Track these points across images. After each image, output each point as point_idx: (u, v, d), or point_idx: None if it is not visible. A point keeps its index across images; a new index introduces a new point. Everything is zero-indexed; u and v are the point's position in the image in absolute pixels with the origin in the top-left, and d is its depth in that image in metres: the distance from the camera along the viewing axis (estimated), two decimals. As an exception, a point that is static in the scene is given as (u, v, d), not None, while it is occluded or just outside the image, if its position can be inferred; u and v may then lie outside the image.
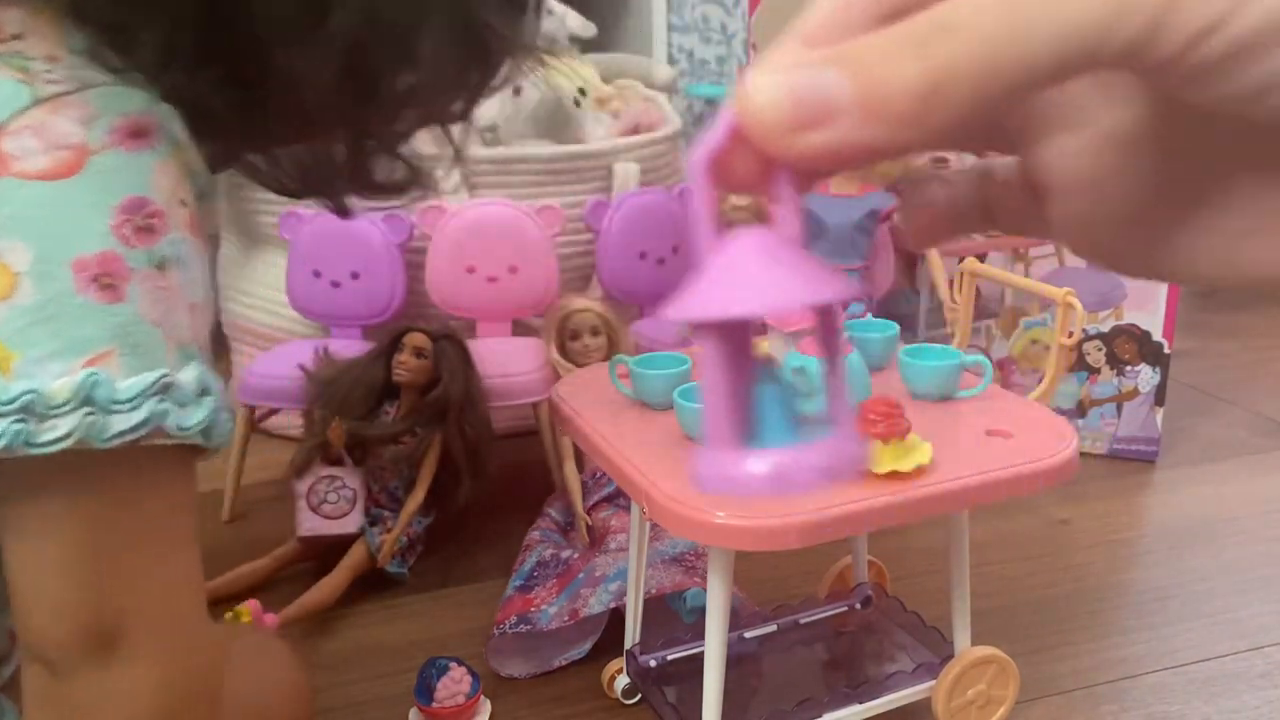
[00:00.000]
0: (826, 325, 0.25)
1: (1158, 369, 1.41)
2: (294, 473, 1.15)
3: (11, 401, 0.49)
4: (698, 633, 0.89)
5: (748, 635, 0.95)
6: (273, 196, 1.45)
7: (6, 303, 0.50)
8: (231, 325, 1.63)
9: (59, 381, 0.50)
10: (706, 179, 0.23)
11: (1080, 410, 1.45)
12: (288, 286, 1.41)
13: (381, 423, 1.17)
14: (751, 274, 0.22)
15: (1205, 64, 0.20)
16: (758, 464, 0.22)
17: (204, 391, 0.56)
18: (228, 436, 0.58)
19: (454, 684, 0.90)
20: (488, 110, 1.54)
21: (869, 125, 0.21)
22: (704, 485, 0.23)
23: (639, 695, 0.93)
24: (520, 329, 1.43)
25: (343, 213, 0.75)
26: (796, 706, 0.81)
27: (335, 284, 1.38)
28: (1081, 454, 1.45)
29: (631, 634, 0.92)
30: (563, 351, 1.17)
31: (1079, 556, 1.21)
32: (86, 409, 0.50)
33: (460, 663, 0.91)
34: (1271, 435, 1.53)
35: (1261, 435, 1.53)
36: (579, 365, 1.15)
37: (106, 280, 0.51)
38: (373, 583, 1.14)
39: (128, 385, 0.52)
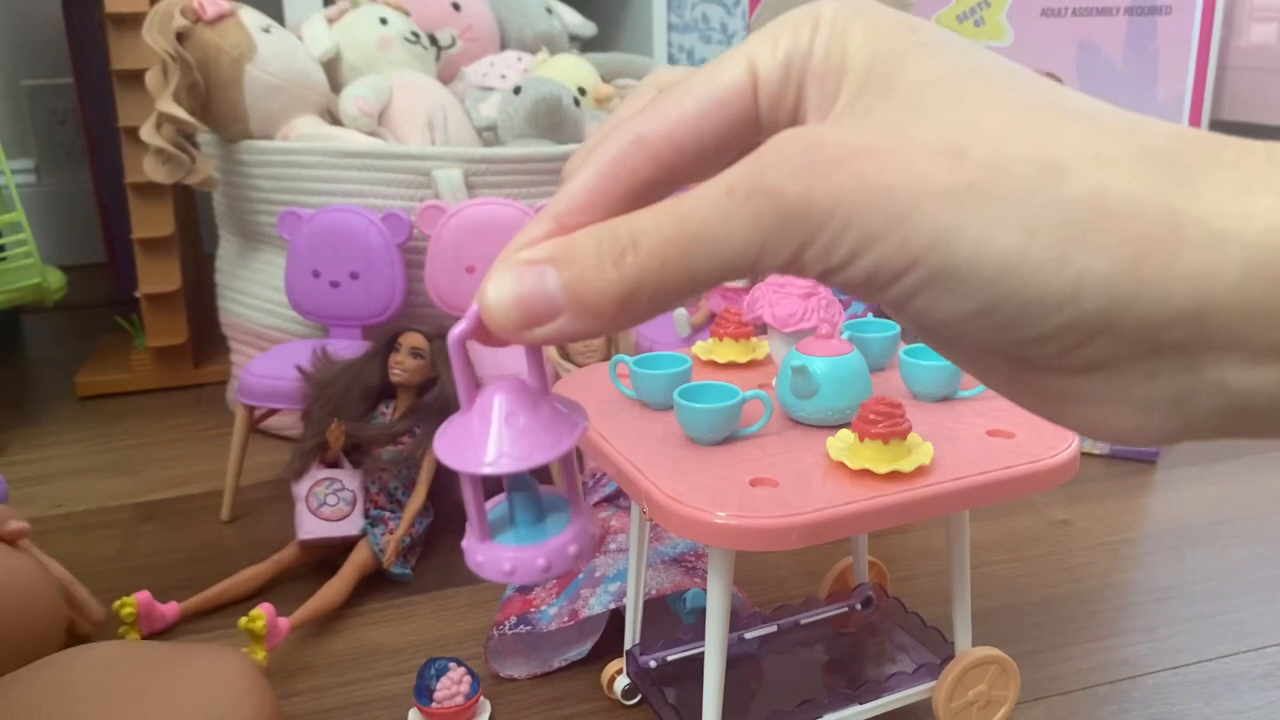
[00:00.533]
0: (565, 464, 0.31)
1: None
2: (292, 475, 1.15)
3: None
4: (698, 633, 0.89)
5: (748, 636, 0.95)
6: (271, 195, 1.46)
7: None
8: (230, 325, 1.63)
9: None
10: (460, 354, 0.28)
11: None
12: (286, 286, 1.40)
13: (379, 423, 1.17)
14: (487, 435, 0.28)
15: (842, 285, 0.25)
16: (504, 558, 0.29)
17: None
18: None
19: (453, 684, 0.89)
20: (487, 110, 1.54)
21: (581, 320, 0.26)
22: (472, 566, 0.30)
23: (639, 696, 0.93)
24: None
25: None
26: (797, 707, 0.81)
27: (335, 284, 1.38)
28: (1082, 454, 1.46)
29: (631, 635, 0.91)
30: (562, 351, 1.17)
31: (1079, 557, 1.21)
32: None
33: (460, 663, 0.91)
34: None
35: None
36: (579, 365, 1.15)
37: None
38: (372, 584, 1.14)
39: None
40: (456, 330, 0.28)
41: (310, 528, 1.13)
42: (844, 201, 0.24)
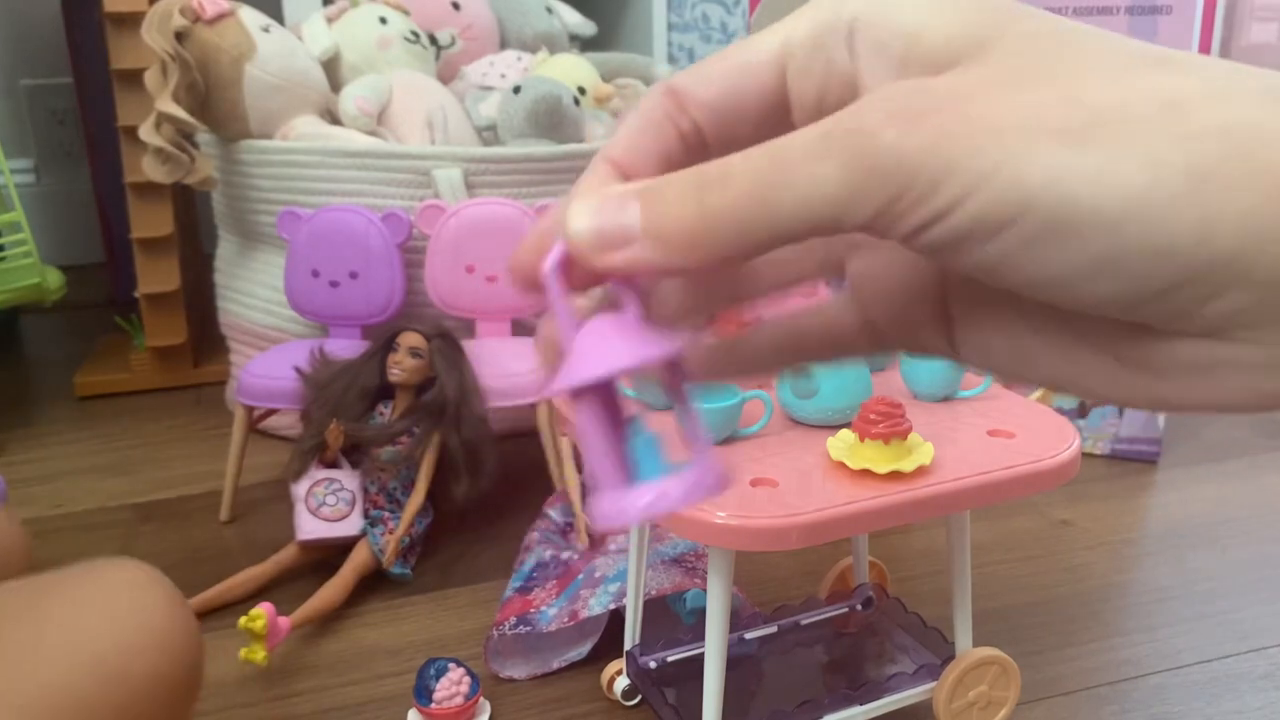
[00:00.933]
0: (673, 376, 0.30)
1: None
2: (291, 476, 1.15)
3: None
4: (698, 634, 0.88)
5: (748, 636, 0.95)
6: (270, 195, 1.46)
7: None
8: (229, 325, 1.63)
9: None
10: (559, 282, 0.28)
11: (1082, 410, 1.45)
12: (286, 286, 1.40)
13: (378, 423, 1.17)
14: (601, 347, 0.27)
15: (932, 246, 0.23)
16: (641, 494, 0.27)
17: None
18: None
19: (453, 685, 0.89)
20: (487, 109, 1.54)
21: (652, 248, 0.26)
22: (601, 520, 0.27)
23: (639, 697, 0.92)
24: (520, 329, 1.42)
25: None
26: (797, 708, 0.80)
27: (334, 284, 1.38)
28: (1083, 454, 1.46)
29: (631, 635, 0.91)
30: None
31: (1080, 557, 1.20)
32: None
33: (459, 664, 0.91)
34: (1274, 435, 1.53)
35: (1264, 435, 1.53)
36: None
37: None
38: (372, 584, 1.14)
39: None
40: (549, 261, 0.28)
41: (309, 528, 1.12)
42: (945, 145, 0.22)
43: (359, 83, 1.49)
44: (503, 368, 1.27)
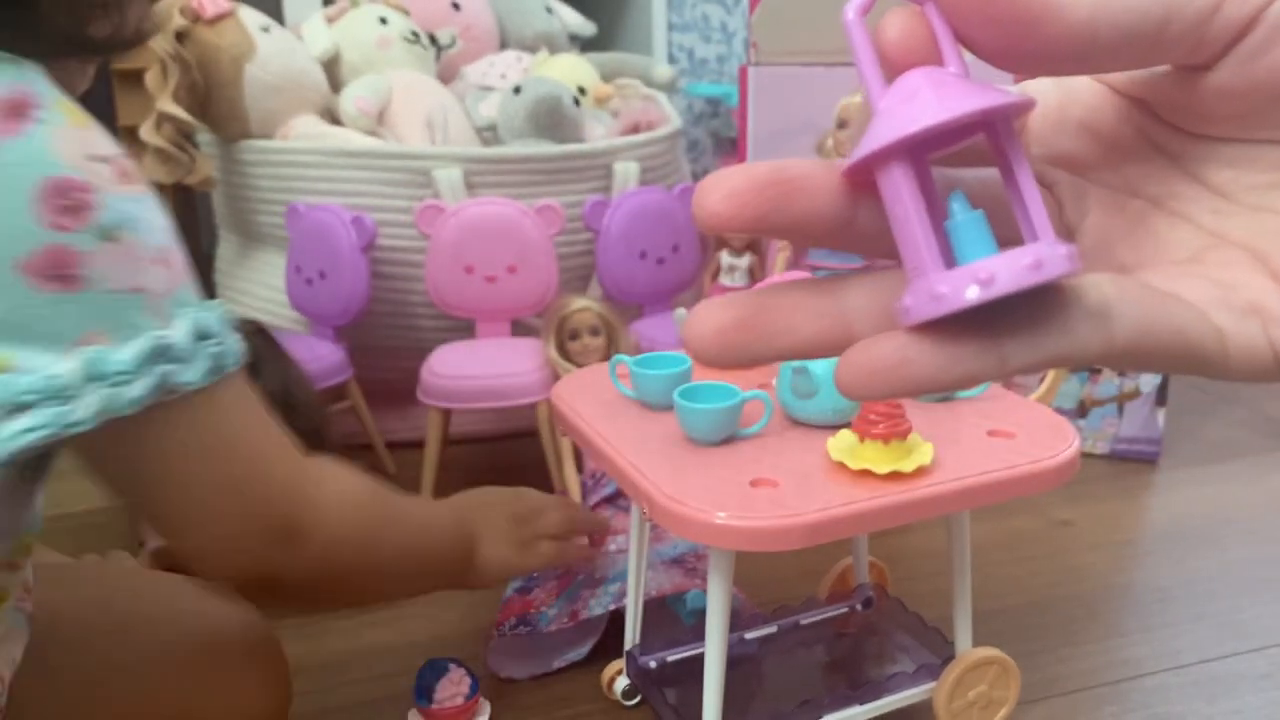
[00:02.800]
0: (1001, 137, 0.25)
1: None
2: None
3: (37, 391, 0.52)
4: (698, 634, 0.88)
5: (748, 636, 0.95)
6: (270, 195, 1.46)
7: None
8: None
9: (64, 364, 0.53)
10: (862, 28, 0.24)
11: (1082, 410, 1.45)
12: (285, 281, 1.41)
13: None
14: (925, 96, 0.23)
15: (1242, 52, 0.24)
16: (964, 277, 0.22)
17: (204, 335, 0.58)
18: (240, 355, 0.61)
19: (453, 685, 0.89)
20: (487, 110, 1.54)
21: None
22: (911, 315, 0.23)
23: (639, 696, 0.92)
24: (519, 329, 1.42)
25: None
26: (797, 708, 0.81)
27: (309, 281, 1.38)
28: (1083, 454, 1.45)
29: (632, 635, 0.91)
30: (562, 351, 1.17)
31: (1081, 557, 1.21)
32: (101, 383, 0.53)
33: (459, 664, 0.91)
34: (1274, 435, 1.53)
35: (1264, 435, 1.53)
36: (578, 365, 1.15)
37: (60, 273, 0.52)
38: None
39: (126, 356, 0.54)
40: (852, 5, 0.24)
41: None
42: None
43: (359, 83, 1.49)
44: (501, 368, 1.27)
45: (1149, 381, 1.41)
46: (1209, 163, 0.27)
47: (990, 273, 0.22)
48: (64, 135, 0.53)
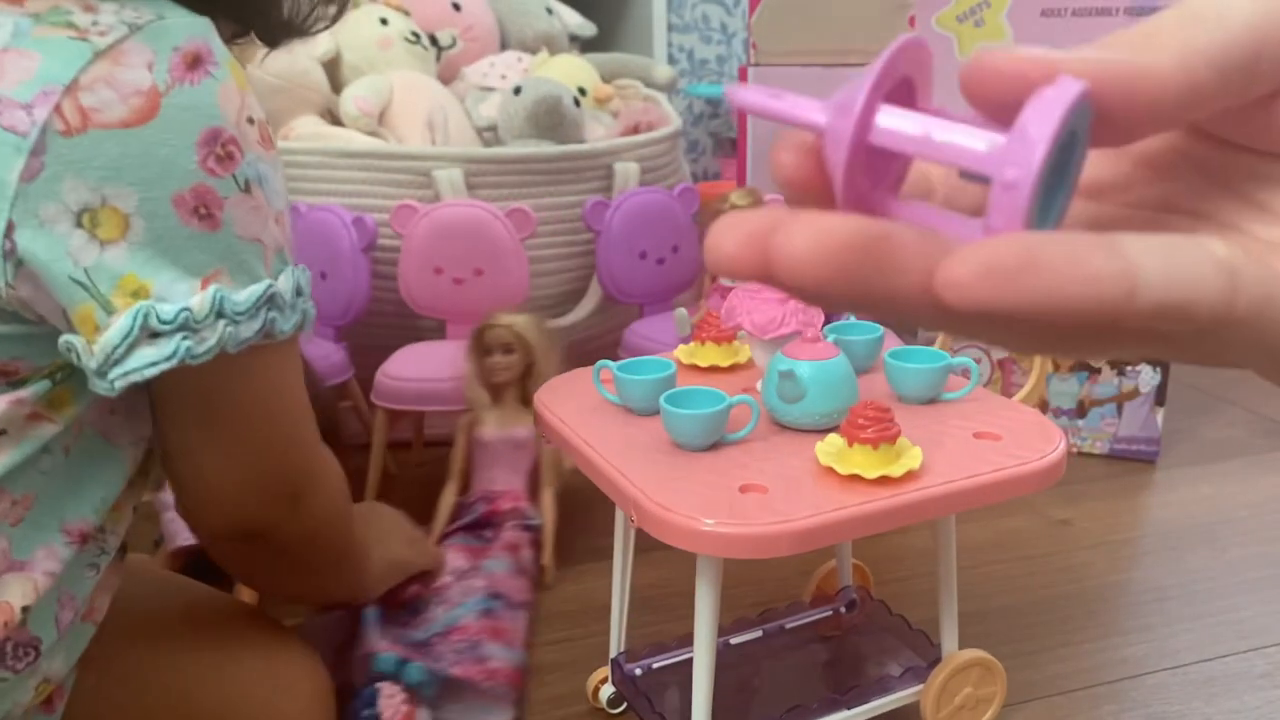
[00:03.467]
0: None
1: (1158, 369, 1.40)
2: (153, 486, 1.14)
3: (173, 320, 0.58)
4: (683, 641, 0.88)
5: (734, 641, 0.95)
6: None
7: (125, 240, 0.58)
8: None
9: (195, 299, 0.59)
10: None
11: (1080, 410, 1.45)
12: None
13: None
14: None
15: None
16: (1013, 144, 0.21)
17: (299, 291, 0.67)
18: (314, 318, 0.69)
19: (392, 700, 0.88)
20: (487, 110, 1.54)
21: None
22: (999, 208, 0.21)
23: (625, 705, 0.92)
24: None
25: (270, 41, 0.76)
26: (785, 714, 0.81)
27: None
28: (1081, 454, 1.46)
29: (616, 643, 0.91)
30: (477, 368, 1.15)
31: (1079, 557, 1.20)
32: (224, 320, 0.60)
33: (390, 679, 0.90)
34: (1272, 435, 1.52)
35: (1262, 435, 1.52)
36: (489, 382, 1.14)
37: (204, 210, 0.59)
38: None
39: (244, 298, 0.61)
40: None
41: (186, 536, 1.10)
42: None
43: (359, 83, 1.49)
44: (452, 372, 1.26)
45: (1147, 381, 1.41)
46: (1255, 180, 0.26)
47: (1028, 133, 0.21)
48: (229, 91, 0.60)
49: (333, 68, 1.56)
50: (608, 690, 0.92)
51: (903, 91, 0.24)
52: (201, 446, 0.68)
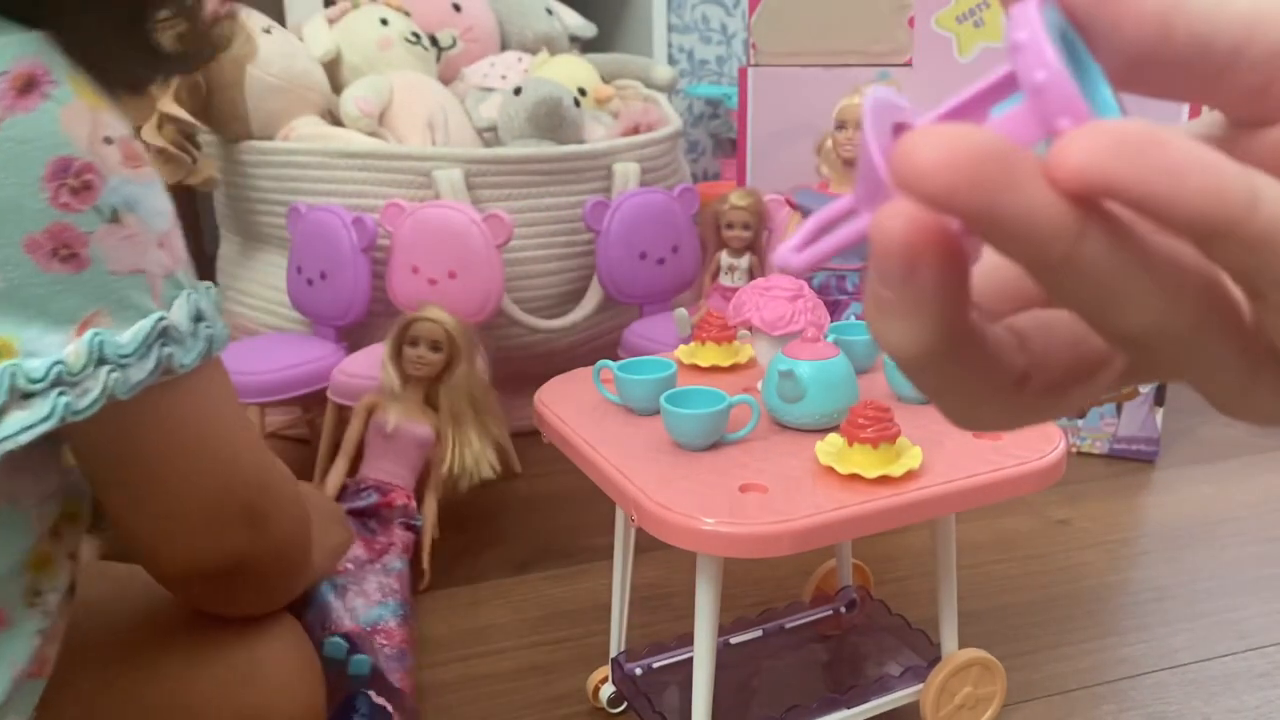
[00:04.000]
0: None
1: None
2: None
3: (45, 376, 0.52)
4: (683, 640, 0.89)
5: (734, 641, 0.95)
6: (271, 196, 1.47)
7: None
8: (231, 325, 1.63)
9: (70, 349, 0.53)
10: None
11: (1080, 410, 1.45)
12: (287, 280, 1.42)
13: None
14: None
15: None
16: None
17: (198, 317, 0.60)
18: (227, 338, 0.63)
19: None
20: (488, 110, 1.54)
21: None
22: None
23: (625, 704, 0.93)
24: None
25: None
26: (785, 713, 0.81)
27: (310, 281, 1.38)
28: (1081, 454, 1.46)
29: (616, 642, 0.92)
30: (396, 364, 1.14)
31: (1078, 556, 1.21)
32: (106, 366, 0.54)
33: (336, 665, 0.90)
34: (1271, 435, 1.52)
35: (1261, 435, 1.53)
36: (406, 374, 1.13)
37: (65, 251, 0.53)
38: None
39: (129, 338, 0.55)
40: None
41: None
42: None
43: (360, 84, 1.49)
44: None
45: (1148, 381, 1.41)
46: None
47: (1012, 40, 0.20)
48: (75, 113, 0.53)
49: (333, 68, 1.56)
50: (608, 690, 0.93)
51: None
52: (152, 489, 0.63)
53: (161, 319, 0.57)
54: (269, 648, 0.76)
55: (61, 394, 0.53)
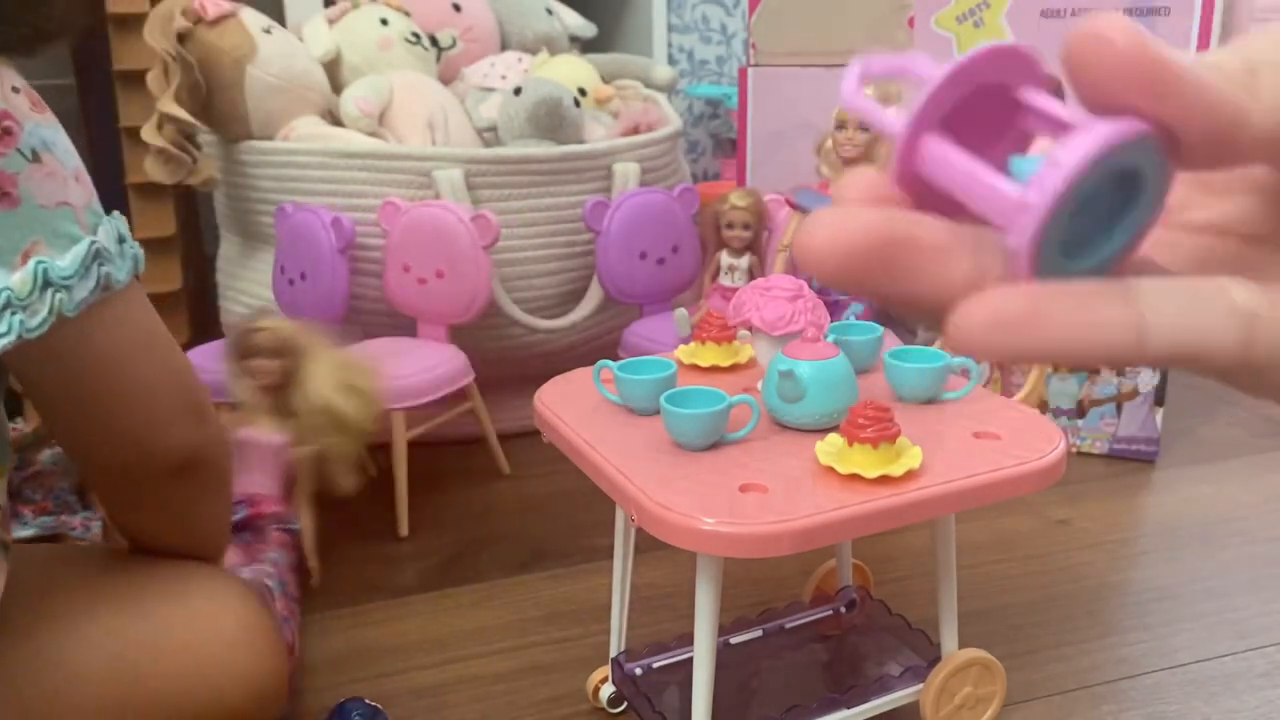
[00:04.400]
0: (1021, 84, 0.24)
1: (1157, 369, 1.40)
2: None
3: None
4: (683, 640, 0.88)
5: (734, 641, 0.95)
6: (271, 196, 1.47)
7: None
8: (231, 325, 1.63)
9: (16, 276, 0.60)
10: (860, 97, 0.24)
11: (1080, 410, 1.45)
12: (272, 280, 1.42)
13: (27, 434, 1.14)
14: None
15: None
16: (1040, 177, 0.21)
17: (121, 239, 0.68)
18: (143, 257, 0.71)
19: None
20: (488, 110, 1.54)
21: None
22: (1016, 237, 0.21)
23: (625, 704, 0.93)
24: (457, 336, 1.40)
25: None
26: (784, 713, 0.81)
27: (291, 281, 1.38)
28: (1081, 454, 1.46)
29: (616, 642, 0.92)
30: (243, 366, 1.12)
31: (1078, 556, 1.21)
32: (52, 288, 0.61)
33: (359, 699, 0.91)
34: (1270, 435, 1.52)
35: (1261, 435, 1.53)
36: (257, 382, 1.11)
37: None
38: (372, 584, 1.14)
39: (69, 261, 0.62)
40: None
41: None
42: None
43: (360, 84, 1.49)
44: (420, 365, 1.27)
45: (1147, 381, 1.41)
46: None
47: (1057, 159, 0.20)
48: None
49: (333, 68, 1.56)
50: (608, 690, 0.92)
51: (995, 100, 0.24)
52: (112, 398, 0.70)
53: (93, 243, 0.64)
54: (208, 600, 0.81)
55: (14, 313, 0.59)
